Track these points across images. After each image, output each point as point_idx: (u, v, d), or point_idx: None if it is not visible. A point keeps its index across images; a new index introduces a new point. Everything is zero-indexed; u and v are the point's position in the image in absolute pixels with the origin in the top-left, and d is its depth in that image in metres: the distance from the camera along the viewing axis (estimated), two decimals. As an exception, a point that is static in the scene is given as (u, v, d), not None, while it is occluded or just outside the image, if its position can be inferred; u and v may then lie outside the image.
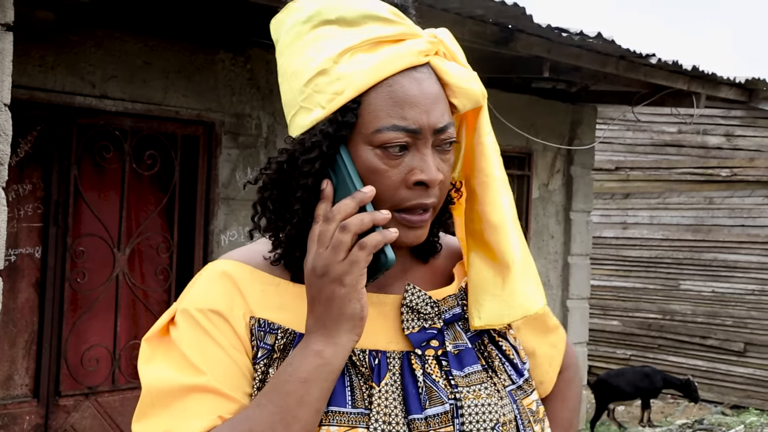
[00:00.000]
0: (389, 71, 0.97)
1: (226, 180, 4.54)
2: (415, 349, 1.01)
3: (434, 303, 1.04)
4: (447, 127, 0.99)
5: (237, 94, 4.61)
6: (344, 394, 0.97)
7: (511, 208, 1.07)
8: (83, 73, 4.05)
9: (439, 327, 1.03)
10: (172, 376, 0.96)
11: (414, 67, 0.98)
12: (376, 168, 0.96)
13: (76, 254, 4.06)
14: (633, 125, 10.15)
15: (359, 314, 0.93)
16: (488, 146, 1.05)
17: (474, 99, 1.02)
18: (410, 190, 0.97)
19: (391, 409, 0.97)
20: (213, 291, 1.01)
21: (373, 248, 0.92)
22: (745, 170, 9.44)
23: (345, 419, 0.96)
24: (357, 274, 0.92)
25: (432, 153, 0.98)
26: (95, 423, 4.06)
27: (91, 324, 4.17)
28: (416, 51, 0.99)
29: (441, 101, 0.99)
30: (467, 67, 1.03)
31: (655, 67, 4.94)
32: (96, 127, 4.11)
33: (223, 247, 4.51)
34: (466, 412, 0.98)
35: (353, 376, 0.98)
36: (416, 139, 0.97)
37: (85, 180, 4.14)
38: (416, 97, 0.97)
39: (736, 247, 9.41)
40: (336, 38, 0.98)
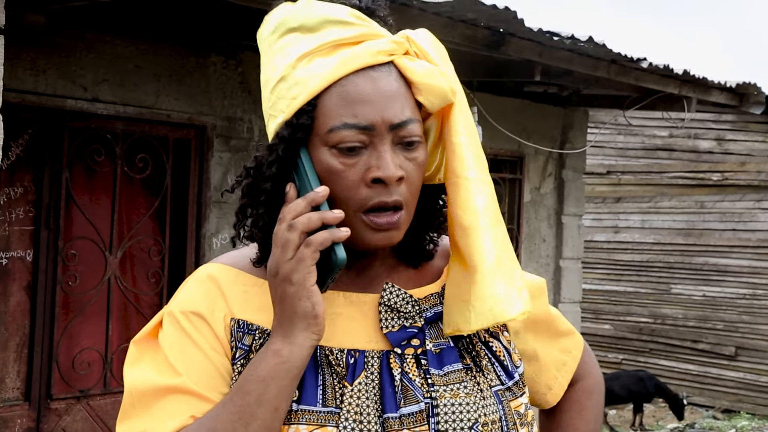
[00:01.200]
0: (343, 72, 0.98)
1: (218, 183, 4.54)
2: (394, 347, 1.01)
3: (414, 301, 1.04)
4: (406, 123, 0.98)
5: (229, 97, 4.61)
6: (315, 392, 0.98)
7: (488, 209, 1.03)
8: (74, 76, 4.05)
9: (419, 326, 1.03)
10: (152, 378, 0.99)
11: (372, 67, 0.99)
12: (333, 168, 0.97)
13: (68, 257, 4.05)
14: (624, 129, 10.19)
15: (311, 312, 0.93)
16: (459, 145, 1.03)
17: (440, 95, 1.01)
18: (370, 188, 0.97)
19: (363, 408, 0.97)
20: (196, 294, 1.03)
21: (319, 245, 0.93)
22: (736, 174, 9.48)
23: (314, 418, 0.97)
24: (304, 272, 0.93)
25: (392, 150, 0.98)
26: (87, 426, 4.05)
27: (82, 327, 4.16)
28: (374, 51, 0.99)
29: (400, 98, 0.99)
30: (437, 65, 1.01)
31: (646, 71, 4.96)
32: (87, 130, 4.11)
33: (215, 250, 4.51)
34: (441, 411, 0.98)
35: (327, 375, 0.99)
36: (372, 137, 0.97)
37: (77, 183, 4.13)
38: (369, 95, 0.97)
39: (727, 251, 9.45)
40: (296, 45, 1.01)
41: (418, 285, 1.08)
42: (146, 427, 0.97)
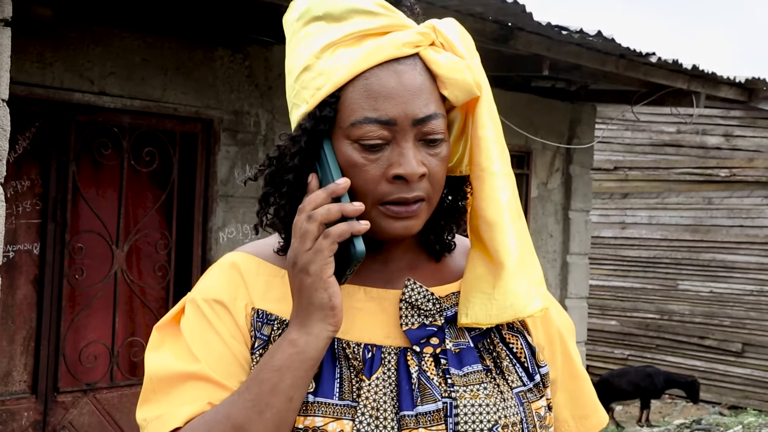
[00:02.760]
0: (368, 64, 0.97)
1: (224, 177, 4.54)
2: (412, 345, 1.00)
3: (436, 299, 1.02)
4: (430, 119, 0.97)
5: (236, 91, 4.60)
6: (333, 385, 0.97)
7: (511, 204, 1.02)
8: (81, 69, 4.04)
9: (439, 324, 1.02)
10: (172, 364, 1.00)
11: (397, 59, 0.98)
12: (355, 162, 0.97)
13: (75, 251, 4.05)
14: (632, 125, 10.15)
15: (328, 304, 0.93)
16: (484, 138, 1.01)
17: (466, 89, 0.99)
18: (391, 184, 0.96)
19: (380, 403, 0.97)
20: (219, 282, 1.04)
21: (338, 237, 0.93)
22: (743, 170, 9.44)
23: (331, 410, 0.96)
24: (321, 263, 0.93)
25: (414, 146, 0.97)
26: (93, 419, 4.05)
27: (89, 321, 4.16)
28: (400, 43, 0.98)
29: (425, 92, 0.98)
30: (465, 58, 1.00)
31: (655, 66, 4.93)
32: (94, 123, 4.11)
33: (221, 244, 4.51)
34: (461, 411, 0.97)
35: (344, 369, 0.99)
36: (395, 132, 0.96)
37: (84, 176, 4.13)
38: (393, 89, 0.96)
39: (734, 247, 9.41)
40: (321, 34, 1.00)
41: (440, 283, 1.06)
42: (163, 411, 0.97)
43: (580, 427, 1.14)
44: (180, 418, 0.96)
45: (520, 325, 1.07)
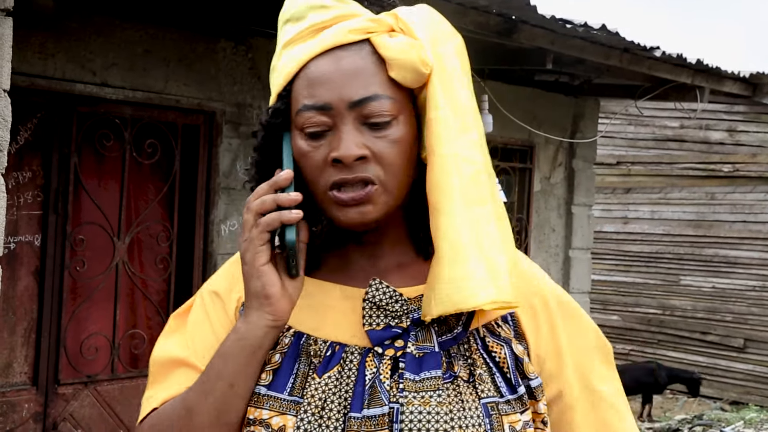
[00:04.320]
0: (310, 55, 0.99)
1: (226, 170, 4.52)
2: (374, 346, 0.98)
3: (404, 300, 0.99)
4: (368, 100, 0.95)
5: (238, 83, 4.58)
6: (286, 380, 0.98)
7: (465, 188, 0.96)
8: (83, 60, 4.03)
9: (404, 326, 0.99)
10: (171, 350, 1.06)
11: (342, 47, 0.98)
12: (303, 151, 0.98)
13: (76, 242, 4.04)
14: (635, 120, 10.13)
15: (261, 292, 0.94)
16: (435, 120, 0.97)
17: (411, 68, 0.96)
18: (333, 168, 0.96)
19: (327, 403, 0.96)
20: (223, 275, 1.10)
21: (267, 226, 0.94)
22: (747, 166, 9.42)
23: (278, 405, 0.97)
24: (253, 252, 0.94)
25: (355, 129, 0.95)
26: (94, 411, 4.05)
27: (90, 312, 4.15)
28: (345, 30, 0.99)
29: (364, 75, 0.96)
30: (417, 39, 0.98)
31: (659, 60, 4.91)
32: (96, 115, 4.09)
33: (223, 236, 4.50)
34: (406, 417, 0.93)
35: (302, 365, 0.99)
36: (333, 117, 0.96)
37: (85, 168, 4.12)
38: (329, 74, 0.97)
39: (737, 243, 9.40)
40: (285, 35, 1.04)
41: (422, 282, 1.02)
42: (152, 394, 1.04)
43: None
44: (158, 400, 1.02)
45: (510, 333, 1.01)
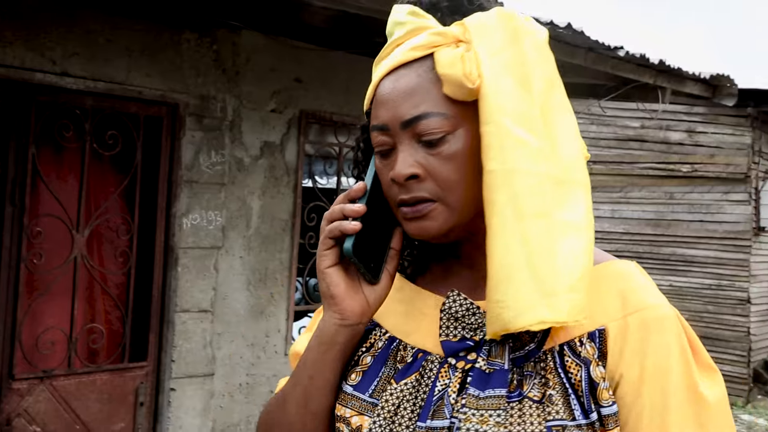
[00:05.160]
0: (380, 75, 1.01)
1: (189, 162, 4.46)
2: (446, 357, 0.99)
3: (481, 313, 0.99)
4: (418, 119, 0.95)
5: (202, 75, 4.53)
6: (371, 382, 1.02)
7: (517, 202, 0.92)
8: (43, 49, 3.94)
9: (477, 339, 0.98)
10: (298, 344, 1.17)
11: (405, 65, 0.98)
12: (378, 169, 1.03)
13: (33, 235, 3.96)
14: (597, 119, 10.23)
15: (327, 293, 1.01)
16: (483, 135, 0.94)
17: (458, 84, 0.94)
18: (396, 186, 0.99)
19: (400, 409, 0.98)
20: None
21: (329, 233, 1.00)
22: (705, 166, 9.57)
23: (358, 405, 1.02)
24: (319, 256, 1.02)
25: (410, 148, 0.96)
26: (50, 407, 3.97)
27: (47, 306, 4.07)
28: (408, 48, 0.98)
29: (418, 93, 0.96)
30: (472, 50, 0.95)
31: (623, 59, 4.96)
32: (56, 105, 4.01)
33: (184, 230, 4.44)
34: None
35: (388, 369, 1.03)
36: (392, 137, 0.98)
37: (44, 159, 4.03)
38: (387, 95, 0.98)
39: (694, 242, 9.55)
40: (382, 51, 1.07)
41: None
42: (280, 382, 1.15)
43: None
44: (279, 387, 1.14)
45: (593, 353, 0.94)
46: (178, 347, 4.40)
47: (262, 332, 4.78)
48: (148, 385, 4.33)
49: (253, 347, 4.74)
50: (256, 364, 4.76)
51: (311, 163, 5.13)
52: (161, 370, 4.38)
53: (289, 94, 4.92)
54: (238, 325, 4.67)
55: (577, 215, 0.93)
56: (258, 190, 4.77)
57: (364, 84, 1.16)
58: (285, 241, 4.89)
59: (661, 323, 0.94)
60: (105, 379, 4.16)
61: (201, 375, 4.48)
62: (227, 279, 4.63)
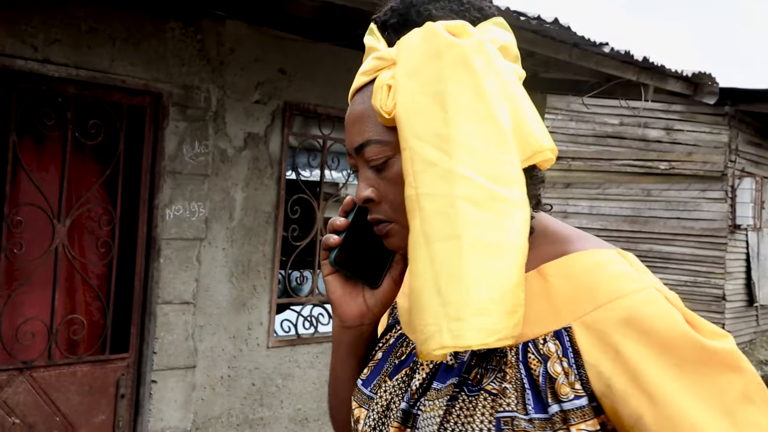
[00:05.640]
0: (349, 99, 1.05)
1: (172, 153, 4.42)
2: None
3: None
4: (362, 147, 0.99)
5: (186, 65, 4.48)
6: (374, 378, 1.09)
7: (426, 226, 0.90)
8: (24, 35, 3.87)
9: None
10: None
11: (358, 90, 1.02)
12: None
13: (13, 224, 3.90)
14: (576, 116, 10.29)
15: (328, 297, 1.11)
16: (403, 161, 0.94)
17: (377, 112, 0.97)
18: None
19: (392, 404, 1.04)
20: None
21: (323, 245, 1.08)
22: (682, 164, 9.67)
23: (360, 398, 1.09)
24: (321, 267, 1.11)
25: (366, 171, 1.01)
26: (29, 399, 3.92)
27: (27, 297, 4.01)
28: (359, 73, 1.01)
29: (359, 121, 0.99)
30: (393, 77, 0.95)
31: (607, 56, 4.98)
32: (37, 92, 3.94)
33: (167, 221, 4.40)
34: (419, 423, 0.99)
35: (388, 365, 1.09)
36: (355, 160, 1.03)
37: (25, 148, 3.97)
38: (346, 121, 1.03)
39: (670, 239, 9.65)
40: None
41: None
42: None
43: None
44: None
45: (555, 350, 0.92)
46: (159, 339, 4.36)
47: (244, 325, 4.75)
48: (129, 377, 4.28)
49: (235, 339, 4.71)
50: (238, 356, 4.73)
51: (295, 156, 5.10)
52: (143, 362, 4.34)
53: (274, 85, 4.88)
54: (220, 318, 4.64)
55: (497, 235, 0.88)
56: (242, 182, 4.73)
57: (349, 76, 1.15)
58: (268, 234, 4.86)
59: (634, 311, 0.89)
60: (86, 370, 4.11)
61: (183, 367, 4.44)
62: (210, 271, 4.59)
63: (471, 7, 1.00)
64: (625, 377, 0.87)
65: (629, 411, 0.87)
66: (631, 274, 0.93)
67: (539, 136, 0.95)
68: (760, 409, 0.85)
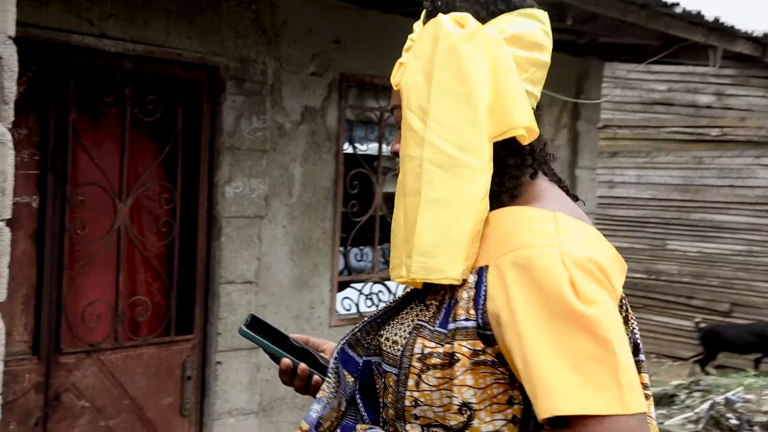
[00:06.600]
0: None
1: (231, 128, 4.30)
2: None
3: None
4: (392, 110, 1.24)
5: (242, 37, 4.34)
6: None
7: (403, 182, 1.15)
8: (80, 9, 3.75)
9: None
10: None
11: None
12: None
13: (76, 204, 3.80)
14: (621, 82, 10.03)
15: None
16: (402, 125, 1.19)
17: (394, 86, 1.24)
18: None
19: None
20: None
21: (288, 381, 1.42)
22: (735, 130, 9.39)
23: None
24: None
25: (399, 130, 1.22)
26: (97, 382, 3.85)
27: (89, 278, 3.93)
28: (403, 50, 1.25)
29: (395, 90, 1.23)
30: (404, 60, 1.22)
31: (676, 17, 4.76)
32: (95, 68, 3.83)
33: (227, 199, 4.28)
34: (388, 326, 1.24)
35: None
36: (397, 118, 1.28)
37: (84, 125, 3.86)
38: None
39: (724, 207, 9.40)
40: None
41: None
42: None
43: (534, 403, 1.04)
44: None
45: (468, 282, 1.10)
46: (223, 319, 4.27)
47: (306, 303, 4.65)
48: (195, 358, 4.20)
49: (298, 319, 4.61)
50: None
51: (352, 129, 4.96)
52: (207, 343, 4.25)
53: (329, 56, 4.73)
54: (282, 297, 4.54)
55: (450, 193, 1.10)
56: (300, 157, 4.61)
57: (400, 45, 1.26)
58: (328, 210, 4.73)
59: (529, 261, 1.04)
60: (152, 352, 4.03)
61: (246, 348, 4.35)
62: (271, 249, 4.48)
63: (499, 0, 1.15)
64: (508, 313, 1.03)
65: (506, 342, 1.04)
66: (548, 231, 1.06)
67: (516, 116, 1.11)
68: (603, 368, 0.99)
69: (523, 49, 1.14)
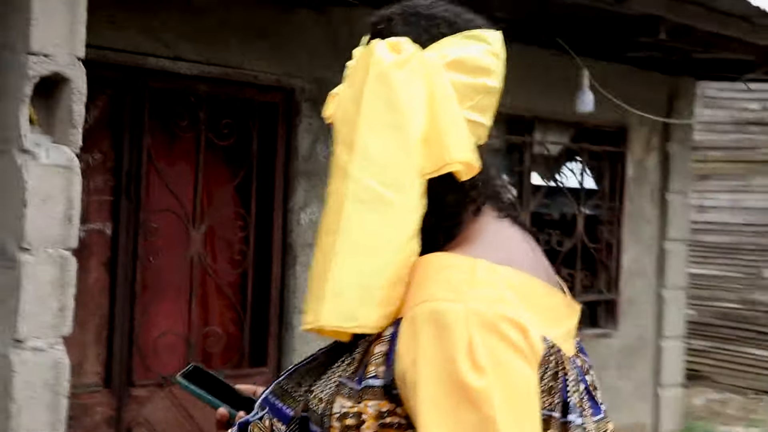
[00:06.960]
0: None
1: (306, 152, 4.16)
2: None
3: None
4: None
5: (318, 57, 4.21)
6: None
7: (324, 221, 1.04)
8: (156, 32, 3.68)
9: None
10: None
11: None
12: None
13: (149, 231, 3.71)
14: (711, 102, 9.59)
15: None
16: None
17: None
18: None
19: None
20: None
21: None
22: (837, 151, 8.83)
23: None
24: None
25: None
26: (169, 416, 3.72)
27: (162, 307, 3.82)
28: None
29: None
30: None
31: (781, 30, 4.42)
32: (169, 91, 3.75)
33: (302, 225, 4.13)
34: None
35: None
36: None
37: (158, 150, 3.78)
38: None
39: (825, 233, 8.83)
40: None
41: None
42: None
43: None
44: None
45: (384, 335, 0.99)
46: (297, 351, 4.10)
47: (383, 334, 4.46)
48: (268, 391, 4.04)
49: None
50: (378, 368, 4.44)
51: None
52: (281, 375, 4.10)
53: (408, 77, 4.57)
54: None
55: (365, 233, 0.99)
56: (377, 181, 4.44)
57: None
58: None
59: (434, 316, 0.95)
60: (224, 385, 3.89)
61: (322, 380, 4.18)
62: (347, 277, 4.31)
63: (442, 22, 1.05)
64: (413, 373, 0.95)
65: (409, 404, 0.95)
66: (458, 284, 0.97)
67: (452, 149, 1.00)
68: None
69: (466, 75, 1.03)
